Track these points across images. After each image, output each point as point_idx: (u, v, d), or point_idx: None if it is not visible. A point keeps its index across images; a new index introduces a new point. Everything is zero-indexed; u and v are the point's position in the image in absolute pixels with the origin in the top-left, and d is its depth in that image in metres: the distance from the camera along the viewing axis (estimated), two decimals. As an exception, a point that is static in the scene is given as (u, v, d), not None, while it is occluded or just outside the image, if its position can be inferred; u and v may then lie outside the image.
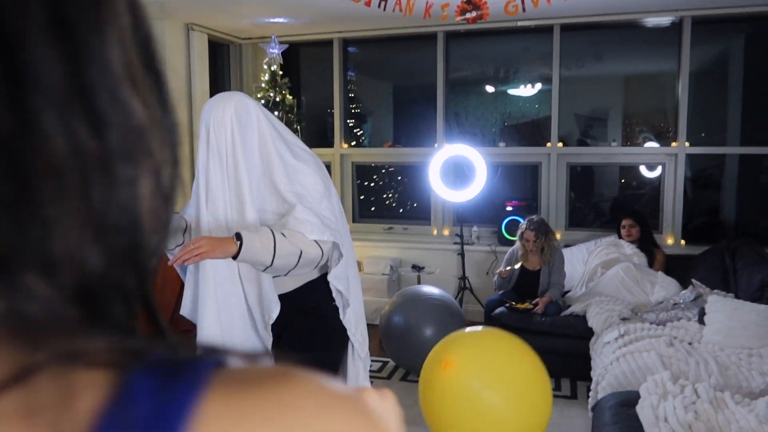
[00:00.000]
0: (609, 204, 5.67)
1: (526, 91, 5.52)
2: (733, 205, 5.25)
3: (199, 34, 5.04)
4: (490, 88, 5.74)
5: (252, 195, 1.85)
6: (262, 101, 4.77)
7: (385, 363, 4.23)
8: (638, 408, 2.48)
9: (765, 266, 3.69)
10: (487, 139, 5.62)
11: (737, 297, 3.66)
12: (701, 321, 3.39)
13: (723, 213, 5.26)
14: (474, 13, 3.44)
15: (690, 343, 3.22)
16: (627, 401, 2.63)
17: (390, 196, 6.20)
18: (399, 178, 6.18)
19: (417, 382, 3.90)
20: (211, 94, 5.29)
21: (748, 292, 3.65)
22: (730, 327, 3.19)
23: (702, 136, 5.29)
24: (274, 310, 1.94)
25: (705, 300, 3.50)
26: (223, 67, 5.74)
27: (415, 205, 5.90)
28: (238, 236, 1.72)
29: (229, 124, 1.83)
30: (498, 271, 4.35)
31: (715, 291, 3.74)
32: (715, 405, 2.47)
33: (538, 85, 5.38)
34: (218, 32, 5.39)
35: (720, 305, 3.35)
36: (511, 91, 5.65)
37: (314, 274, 2.01)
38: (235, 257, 1.73)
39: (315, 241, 1.80)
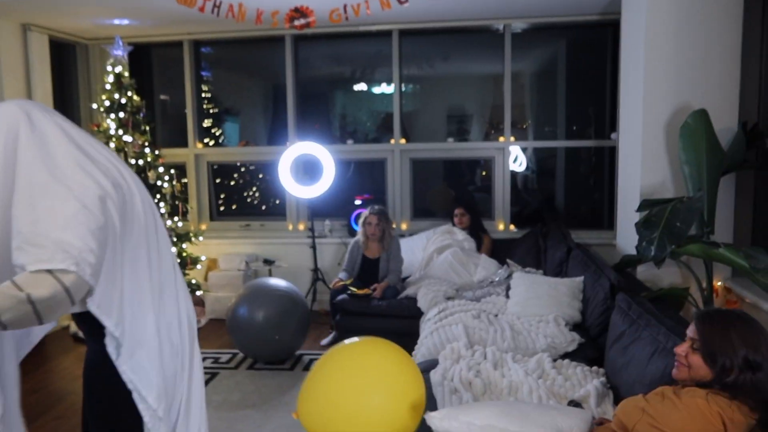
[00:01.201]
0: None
1: (390, 89, 5.82)
2: (561, 192, 5.86)
3: (37, 35, 4.95)
4: (356, 87, 6.04)
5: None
6: (107, 102, 4.77)
7: (234, 354, 4.39)
8: (432, 372, 2.82)
9: (565, 245, 4.21)
10: (360, 135, 5.93)
11: (545, 273, 4.15)
12: (507, 295, 3.84)
13: (554, 199, 5.86)
14: (302, 21, 3.68)
15: (496, 315, 3.64)
16: (429, 367, 2.97)
17: (251, 194, 6.34)
18: (261, 176, 6.33)
19: (263, 369, 4.12)
20: (56, 96, 5.21)
21: (552, 268, 4.15)
22: (527, 299, 3.64)
23: (540, 130, 5.87)
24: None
25: (513, 277, 3.96)
26: (70, 68, 5.64)
27: (277, 202, 6.08)
28: None
29: None
30: (333, 282, 4.61)
31: (527, 269, 4.22)
32: (497, 364, 2.86)
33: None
34: (61, 33, 5.30)
35: (522, 281, 3.80)
36: (376, 90, 5.98)
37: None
38: None
39: (48, 272, 1.50)
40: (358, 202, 5.46)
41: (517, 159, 5.47)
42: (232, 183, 6.23)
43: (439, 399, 2.61)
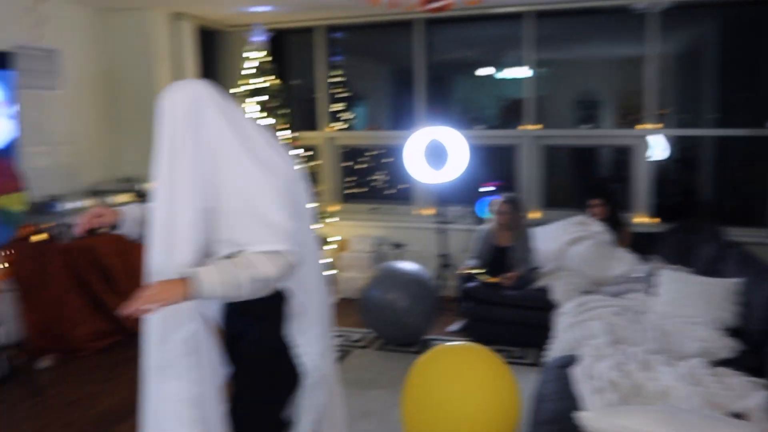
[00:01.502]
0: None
1: (517, 73, 5.67)
2: (708, 184, 5.44)
3: (185, 24, 5.26)
4: (482, 71, 5.94)
5: (188, 198, 1.62)
6: (247, 88, 4.98)
7: (364, 334, 4.49)
8: (572, 368, 2.72)
9: (716, 243, 3.90)
10: (484, 121, 5.84)
11: (694, 271, 3.87)
12: (652, 293, 3.62)
13: (698, 192, 5.46)
14: (438, 3, 3.63)
15: (640, 313, 3.44)
16: (568, 363, 2.87)
17: (379, 177, 6.42)
18: (389, 160, 6.38)
19: (393, 351, 4.18)
20: (202, 81, 5.53)
21: (702, 266, 3.85)
22: (676, 298, 3.41)
23: (681, 117, 5.47)
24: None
25: (659, 274, 3.72)
26: (213, 55, 5.96)
27: (404, 186, 6.11)
28: (191, 277, 1.56)
29: (177, 116, 1.64)
30: (461, 268, 4.60)
31: (672, 266, 3.96)
32: (643, 366, 2.70)
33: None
34: (206, 21, 5.60)
35: (670, 278, 3.57)
36: (502, 74, 5.85)
37: None
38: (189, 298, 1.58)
39: (266, 254, 1.59)
40: (485, 189, 5.36)
41: (654, 148, 5.13)
42: (361, 167, 6.33)
43: (582, 398, 2.51)
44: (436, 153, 5.12)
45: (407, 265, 4.37)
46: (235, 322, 1.87)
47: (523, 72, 5.42)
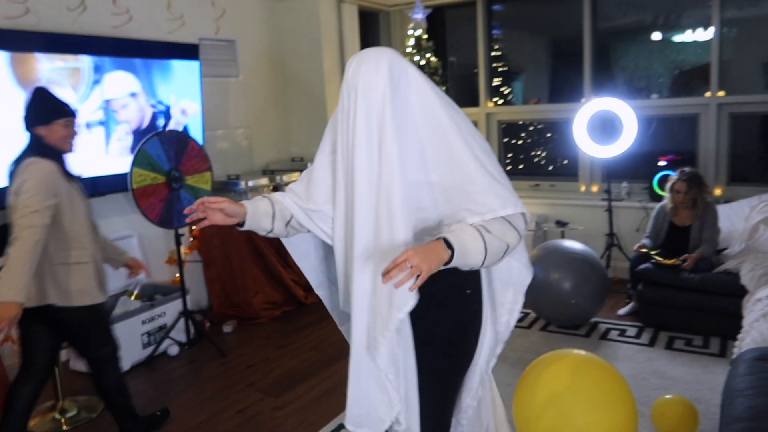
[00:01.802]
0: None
1: (696, 35, 5.16)
2: None
3: (349, 6, 5.39)
4: (654, 36, 5.46)
5: (404, 171, 1.50)
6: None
7: (526, 314, 4.37)
8: (773, 362, 2.42)
9: None
10: (654, 89, 5.39)
11: None
12: None
13: None
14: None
15: None
16: (763, 356, 2.56)
17: (539, 153, 6.19)
18: (549, 135, 6.13)
19: (556, 332, 4.02)
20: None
21: None
22: None
23: None
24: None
25: None
26: (374, 35, 6.08)
27: (565, 162, 5.84)
28: (448, 242, 1.43)
29: (377, 85, 1.49)
30: (636, 247, 4.25)
31: None
32: None
33: (711, 29, 4.98)
34: (367, 2, 5.71)
35: None
36: (678, 38, 5.34)
37: None
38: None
39: (506, 219, 1.50)
40: (661, 163, 4.94)
41: None
42: (519, 142, 6.15)
43: (788, 395, 2.22)
44: (602, 126, 4.81)
45: (572, 244, 4.16)
46: (429, 299, 1.65)
47: (704, 34, 4.89)
